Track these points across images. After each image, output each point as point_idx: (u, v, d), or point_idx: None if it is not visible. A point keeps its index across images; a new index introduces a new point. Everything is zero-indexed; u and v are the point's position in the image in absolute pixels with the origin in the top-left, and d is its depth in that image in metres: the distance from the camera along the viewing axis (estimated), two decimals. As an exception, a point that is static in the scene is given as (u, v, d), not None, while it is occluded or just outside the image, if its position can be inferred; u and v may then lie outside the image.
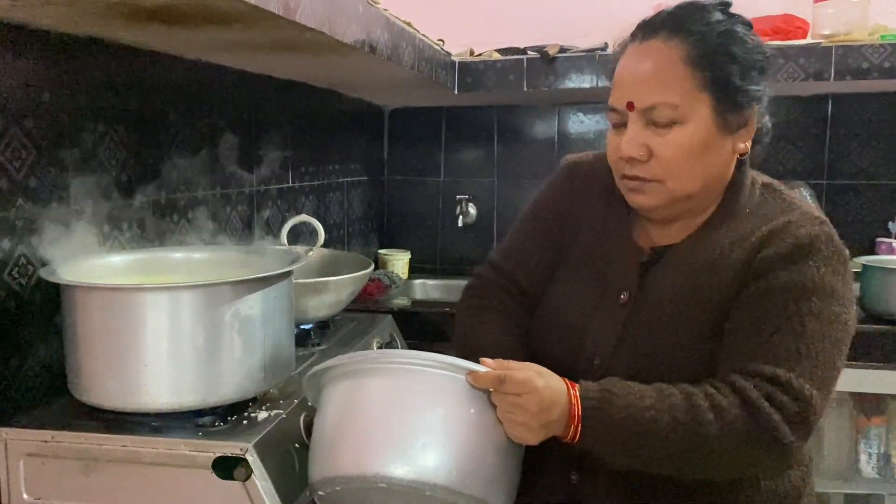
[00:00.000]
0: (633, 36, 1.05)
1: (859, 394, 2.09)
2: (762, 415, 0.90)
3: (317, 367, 0.99)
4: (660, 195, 1.03)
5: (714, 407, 0.91)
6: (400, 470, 0.89)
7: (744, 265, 1.00)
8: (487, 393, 0.93)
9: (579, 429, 0.93)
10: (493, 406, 0.93)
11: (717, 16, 1.02)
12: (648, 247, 1.10)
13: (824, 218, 1.04)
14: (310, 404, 1.07)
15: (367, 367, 0.95)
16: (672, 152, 1.00)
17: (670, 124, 0.99)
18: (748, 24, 1.04)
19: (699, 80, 0.99)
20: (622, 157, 1.03)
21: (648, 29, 1.03)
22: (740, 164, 1.08)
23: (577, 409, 0.93)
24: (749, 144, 1.05)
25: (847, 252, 1.01)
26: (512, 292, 1.20)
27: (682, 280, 1.04)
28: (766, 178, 1.12)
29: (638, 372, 1.00)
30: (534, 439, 0.94)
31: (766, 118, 1.08)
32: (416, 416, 0.91)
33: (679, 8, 1.03)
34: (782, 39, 2.18)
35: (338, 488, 0.93)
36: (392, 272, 2.55)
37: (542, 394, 0.92)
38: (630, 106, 1.02)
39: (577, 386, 0.95)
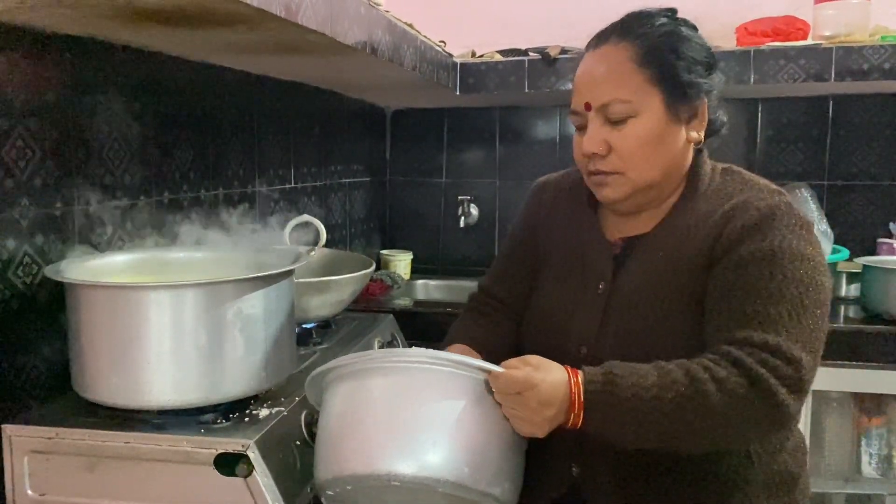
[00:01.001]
0: (588, 45, 1.14)
1: (860, 394, 2.09)
2: (760, 380, 0.93)
3: (320, 368, 1.00)
4: (623, 186, 1.10)
5: (714, 378, 0.93)
6: (408, 467, 0.90)
7: (711, 240, 1.05)
8: (480, 388, 0.95)
9: (581, 415, 0.95)
10: (489, 401, 0.95)
11: (661, 20, 1.11)
12: (619, 239, 1.16)
13: (783, 190, 1.10)
14: (312, 404, 1.08)
15: (372, 366, 0.96)
16: (629, 144, 1.07)
17: (625, 119, 1.07)
18: (692, 27, 1.13)
19: (648, 76, 1.07)
20: (585, 153, 1.11)
21: (601, 37, 1.12)
22: (697, 153, 1.15)
23: (579, 396, 0.95)
24: (702, 134, 1.12)
25: (809, 220, 1.06)
26: (501, 311, 1.30)
27: (653, 264, 1.09)
28: (725, 165, 1.17)
29: (623, 354, 1.03)
30: (540, 433, 0.96)
31: (721, 112, 1.15)
32: (422, 413, 0.92)
33: (627, 15, 1.13)
34: (783, 40, 2.18)
35: (348, 487, 0.94)
36: (394, 272, 2.56)
37: (541, 389, 0.93)
38: (587, 106, 1.10)
39: (578, 373, 0.97)
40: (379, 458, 0.91)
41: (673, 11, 1.14)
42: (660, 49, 1.07)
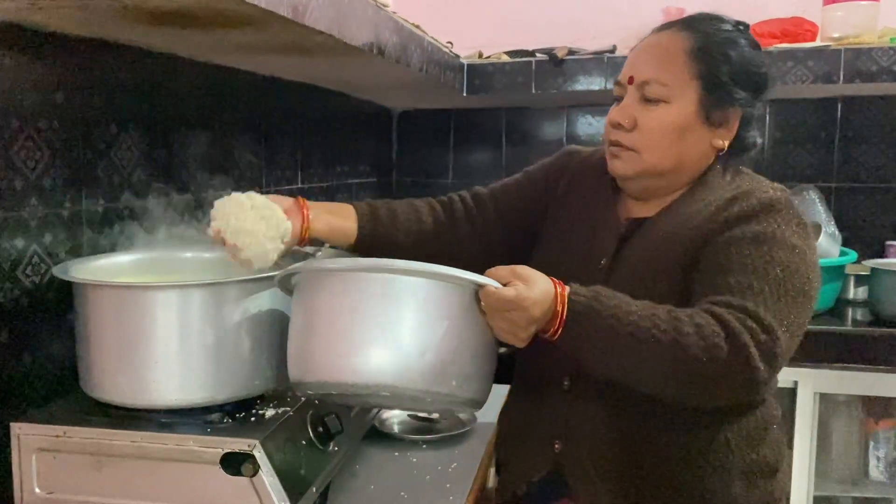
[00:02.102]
0: (654, 29, 1.19)
1: (868, 397, 2.08)
2: (736, 336, 0.95)
3: (291, 268, 1.02)
4: (633, 164, 1.13)
5: (694, 324, 0.96)
6: (368, 376, 0.93)
7: (708, 223, 1.08)
8: (469, 299, 0.97)
9: (559, 330, 0.98)
10: (475, 311, 0.97)
11: (727, 25, 1.15)
12: (626, 219, 1.19)
13: (787, 189, 1.13)
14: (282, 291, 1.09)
15: (340, 274, 0.98)
16: (653, 125, 1.11)
17: (658, 101, 1.11)
18: (757, 46, 1.16)
19: (693, 70, 1.10)
20: (611, 122, 1.15)
21: (667, 25, 1.18)
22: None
23: (563, 312, 0.97)
24: (726, 144, 1.14)
25: (807, 220, 1.10)
26: (469, 210, 1.32)
27: (653, 245, 1.12)
28: (736, 167, 1.20)
29: None
30: (520, 344, 0.99)
31: (754, 133, 1.17)
32: (386, 323, 0.94)
33: (698, 13, 1.18)
34: (792, 42, 2.18)
35: (309, 392, 1.00)
36: (400, 273, 2.56)
37: (531, 311, 0.95)
38: (630, 80, 1.14)
39: (566, 288, 0.99)
40: (331, 366, 0.95)
41: (745, 26, 1.17)
42: (713, 49, 1.11)
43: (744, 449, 1.10)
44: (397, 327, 0.94)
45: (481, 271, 0.98)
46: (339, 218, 1.24)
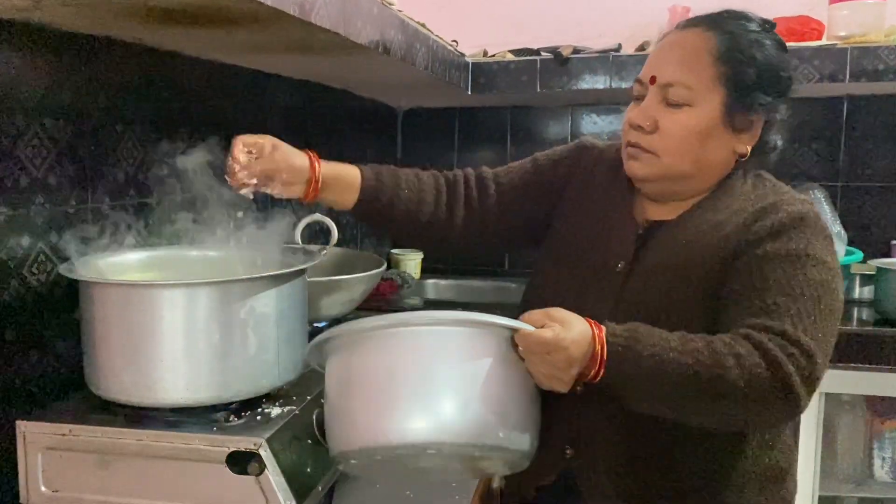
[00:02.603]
0: (678, 25, 1.15)
1: (873, 397, 2.07)
2: (778, 363, 0.93)
3: (319, 338, 0.99)
4: (652, 167, 1.10)
5: (734, 354, 0.93)
6: (412, 435, 0.89)
7: (738, 235, 1.05)
8: (506, 346, 0.94)
9: (601, 371, 0.95)
10: (513, 358, 0.94)
11: (754, 26, 1.11)
12: (644, 220, 1.16)
13: (811, 200, 1.11)
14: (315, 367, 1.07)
15: (370, 333, 0.94)
16: (675, 129, 1.08)
17: (681, 104, 1.07)
18: (783, 47, 1.13)
19: (718, 73, 1.07)
20: (631, 123, 1.11)
21: (692, 21, 1.13)
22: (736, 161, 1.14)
23: (603, 353, 0.94)
24: (749, 149, 1.11)
25: (830, 232, 1.07)
26: (471, 190, 1.27)
27: (675, 250, 1.09)
28: (756, 171, 1.17)
29: None
30: (563, 388, 0.96)
31: (777, 138, 1.14)
32: (424, 378, 0.91)
33: (724, 10, 1.13)
34: (798, 41, 2.17)
35: (353, 462, 0.95)
36: (405, 272, 2.56)
37: (571, 351, 0.92)
38: (652, 80, 1.10)
39: (602, 328, 0.96)
40: (381, 429, 0.90)
41: (771, 25, 1.13)
42: (740, 52, 1.07)
43: (758, 455, 1.09)
44: (433, 381, 0.91)
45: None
46: (344, 174, 1.22)
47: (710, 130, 1.07)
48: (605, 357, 0.94)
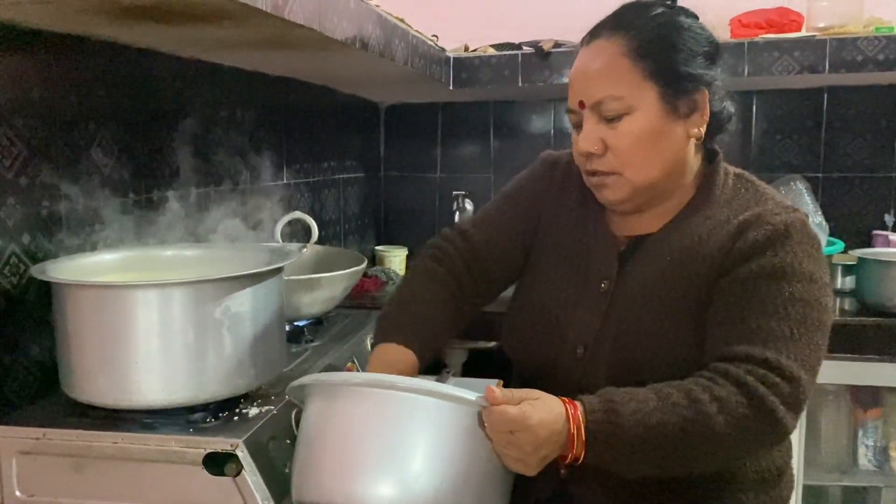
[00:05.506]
0: (582, 41, 1.11)
1: (856, 386, 2.08)
2: (760, 398, 0.92)
3: (296, 382, 0.97)
4: (623, 187, 1.07)
5: (714, 398, 0.91)
6: (376, 501, 0.86)
7: (721, 252, 1.03)
8: (475, 420, 0.90)
9: (583, 451, 0.91)
10: (482, 433, 0.90)
11: (658, 10, 1.07)
12: (625, 236, 1.13)
13: (796, 207, 1.07)
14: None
15: (358, 388, 0.92)
16: (624, 142, 1.04)
17: (620, 116, 1.04)
18: (692, 15, 1.09)
19: (642, 71, 1.03)
20: (581, 152, 1.08)
21: (594, 31, 1.09)
22: (713, 154, 1.12)
23: (581, 432, 0.90)
24: (703, 129, 1.07)
25: (819, 238, 1.05)
26: (470, 266, 1.21)
27: (660, 267, 1.06)
28: (737, 170, 1.14)
29: (622, 357, 1.02)
30: (530, 472, 0.91)
31: (728, 104, 1.11)
32: (405, 443, 0.88)
33: (621, 7, 1.09)
34: (777, 32, 2.17)
35: None
36: (389, 269, 2.55)
37: (537, 431, 0.88)
38: (581, 105, 1.07)
39: (577, 405, 0.92)
40: (355, 485, 0.87)
41: (673, 1, 1.09)
42: (655, 41, 1.03)
43: (756, 460, 1.08)
44: (401, 448, 0.88)
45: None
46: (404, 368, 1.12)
47: (659, 128, 1.03)
48: (584, 437, 0.90)
